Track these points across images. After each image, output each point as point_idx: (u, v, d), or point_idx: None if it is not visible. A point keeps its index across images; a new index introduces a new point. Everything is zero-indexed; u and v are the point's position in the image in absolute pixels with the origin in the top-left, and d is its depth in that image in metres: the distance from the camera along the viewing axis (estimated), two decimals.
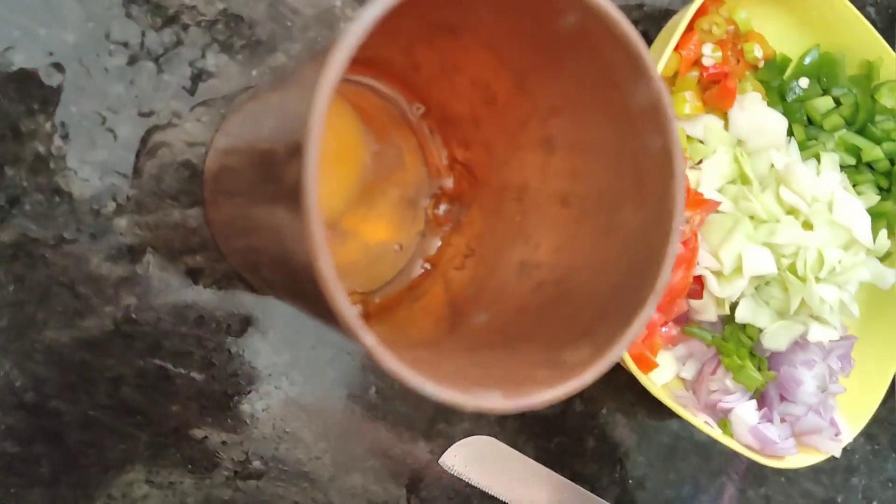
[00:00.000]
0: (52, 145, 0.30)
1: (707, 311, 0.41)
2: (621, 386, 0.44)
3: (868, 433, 0.55)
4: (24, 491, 0.30)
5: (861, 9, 0.53)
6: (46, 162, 0.30)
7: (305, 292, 0.21)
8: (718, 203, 0.40)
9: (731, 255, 0.40)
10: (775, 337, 0.41)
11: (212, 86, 0.33)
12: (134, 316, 0.32)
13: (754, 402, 0.42)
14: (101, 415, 0.31)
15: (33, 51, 0.30)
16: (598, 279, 0.26)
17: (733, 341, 0.41)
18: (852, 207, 0.42)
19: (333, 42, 0.18)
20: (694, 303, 0.41)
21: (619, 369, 0.44)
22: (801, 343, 0.43)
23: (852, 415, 0.46)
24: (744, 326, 0.41)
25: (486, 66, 0.29)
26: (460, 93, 0.32)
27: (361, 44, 0.19)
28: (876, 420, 0.55)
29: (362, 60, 0.33)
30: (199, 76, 0.33)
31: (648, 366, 0.39)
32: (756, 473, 0.50)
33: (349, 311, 0.19)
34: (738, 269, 0.40)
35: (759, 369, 0.42)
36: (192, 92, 0.33)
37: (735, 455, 0.49)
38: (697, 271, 0.40)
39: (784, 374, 0.42)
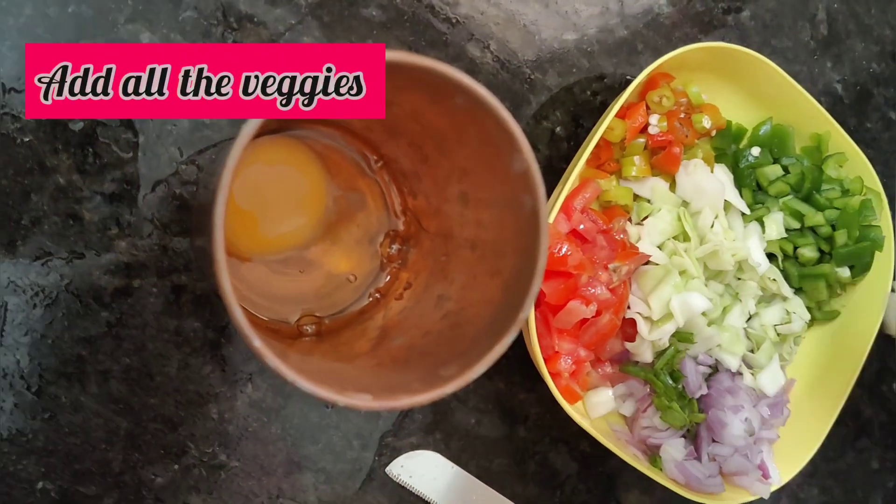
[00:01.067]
0: (70, 179, 0.37)
1: (642, 352, 0.45)
2: (565, 419, 0.49)
3: (823, 486, 0.58)
4: (21, 458, 0.37)
5: (829, 85, 0.58)
6: (65, 192, 0.37)
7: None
8: (648, 256, 0.44)
9: (659, 303, 0.44)
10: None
11: (206, 136, 0.40)
12: (125, 321, 0.39)
13: (682, 439, 0.46)
14: (90, 401, 0.38)
15: None
16: (483, 312, 0.32)
17: (662, 381, 0.45)
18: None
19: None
20: (629, 345, 0.46)
21: None
22: (731, 388, 0.47)
23: (790, 461, 0.50)
24: (671, 371, 0.45)
25: (416, 133, 0.35)
26: (404, 152, 0.38)
27: None
28: (832, 473, 0.58)
29: (330, 122, 0.39)
30: (195, 128, 0.39)
31: (574, 397, 0.43)
32: None
33: (242, 319, 0.24)
34: (667, 316, 0.44)
35: (690, 410, 0.46)
36: (189, 141, 0.39)
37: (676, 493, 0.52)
38: (630, 315, 0.45)
39: (712, 416, 0.46)
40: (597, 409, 0.46)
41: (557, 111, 0.49)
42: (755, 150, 0.50)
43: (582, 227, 0.43)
